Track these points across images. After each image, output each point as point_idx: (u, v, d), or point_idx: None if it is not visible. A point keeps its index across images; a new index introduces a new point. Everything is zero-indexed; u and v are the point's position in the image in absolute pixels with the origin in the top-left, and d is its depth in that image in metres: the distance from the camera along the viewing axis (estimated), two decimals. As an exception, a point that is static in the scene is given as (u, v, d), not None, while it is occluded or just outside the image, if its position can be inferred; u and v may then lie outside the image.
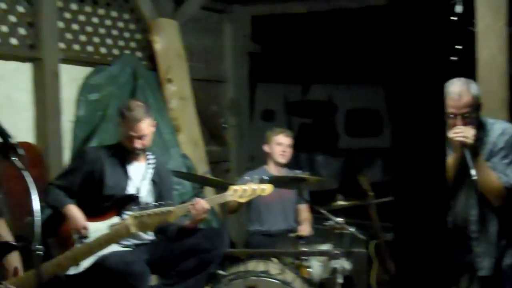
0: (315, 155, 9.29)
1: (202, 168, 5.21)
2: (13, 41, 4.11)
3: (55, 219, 3.33)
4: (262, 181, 3.63)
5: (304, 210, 4.62)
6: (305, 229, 4.41)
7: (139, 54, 5.15)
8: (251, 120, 6.96)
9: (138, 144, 3.42)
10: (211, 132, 5.91)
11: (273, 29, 6.69)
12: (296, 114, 9.57)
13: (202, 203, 3.41)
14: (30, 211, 3.65)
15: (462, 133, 2.90)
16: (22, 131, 4.17)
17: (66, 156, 4.45)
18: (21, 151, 1.97)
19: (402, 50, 1.62)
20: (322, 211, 4.05)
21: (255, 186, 3.59)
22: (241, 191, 3.56)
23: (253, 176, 4.16)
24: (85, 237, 3.27)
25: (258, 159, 5.97)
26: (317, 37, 7.24)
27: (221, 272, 3.65)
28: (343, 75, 8.62)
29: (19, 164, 1.96)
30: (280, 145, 4.55)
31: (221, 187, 4.12)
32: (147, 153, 3.58)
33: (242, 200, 3.61)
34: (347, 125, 10.08)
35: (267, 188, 3.57)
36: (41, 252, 1.89)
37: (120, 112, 3.48)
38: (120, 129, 3.50)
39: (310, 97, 9.69)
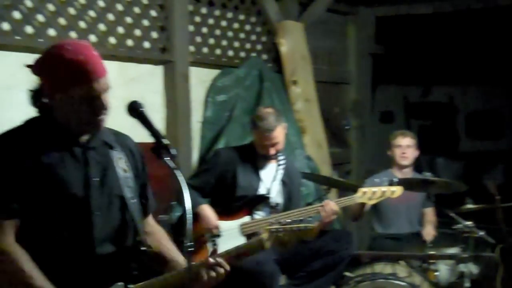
0: (435, 158, 9.00)
1: (325, 170, 5.20)
2: (146, 44, 4.24)
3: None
4: (391, 183, 3.56)
5: (429, 213, 4.52)
6: (429, 232, 4.30)
7: (264, 56, 5.20)
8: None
9: (272, 151, 3.46)
10: (333, 133, 5.89)
11: (397, 30, 6.56)
12: (416, 116, 9.33)
13: (332, 205, 3.41)
14: (165, 209, 3.82)
15: None
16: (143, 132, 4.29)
17: (195, 156, 4.55)
18: (173, 151, 2.01)
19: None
20: (451, 214, 3.92)
21: (384, 188, 3.55)
22: (370, 193, 3.55)
23: (381, 179, 4.13)
24: (217, 236, 3.34)
25: (376, 161, 5.93)
26: (441, 38, 7.02)
27: (348, 273, 3.65)
28: (465, 76, 8.31)
29: (171, 163, 2.00)
30: (399, 147, 4.47)
31: (348, 189, 4.12)
32: (278, 154, 3.61)
33: (371, 203, 3.60)
34: (468, 127, 9.72)
35: (397, 191, 3.52)
36: (192, 249, 1.92)
37: (252, 122, 3.51)
38: (253, 137, 3.54)
39: (430, 98, 9.41)
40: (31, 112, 2.83)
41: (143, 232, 2.21)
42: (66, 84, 1.98)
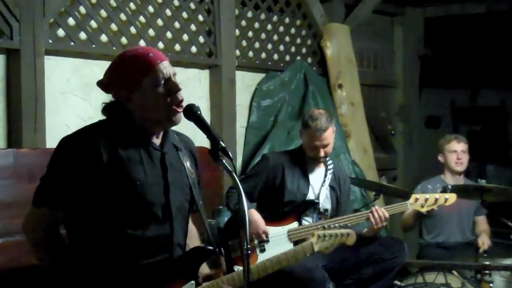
0: (485, 165, 8.74)
1: (371, 175, 5.11)
2: (193, 49, 4.26)
3: (235, 222, 3.39)
4: (444, 190, 3.44)
5: (482, 222, 4.35)
6: (485, 241, 4.13)
7: (310, 59, 5.16)
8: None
9: (322, 153, 3.39)
10: (379, 138, 5.79)
11: (447, 31, 6.39)
12: (464, 120, 9.08)
13: (382, 212, 3.32)
14: (212, 213, 3.78)
15: None
16: (199, 136, 4.28)
17: (238, 161, 4.52)
18: (230, 155, 2.00)
19: None
20: (509, 223, 3.76)
21: (437, 195, 3.45)
22: (422, 199, 3.44)
23: (433, 186, 4.00)
24: (265, 241, 3.29)
25: (422, 167, 5.80)
26: (492, 39, 6.80)
27: (398, 282, 3.54)
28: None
29: (229, 166, 1.98)
30: (454, 152, 4.31)
31: (398, 196, 4.00)
32: (327, 158, 3.53)
33: (423, 210, 3.49)
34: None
35: (450, 198, 3.40)
36: (249, 252, 1.90)
37: (304, 122, 3.45)
38: (302, 138, 3.48)
39: (480, 102, 9.14)
40: (84, 116, 2.84)
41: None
42: (137, 78, 2.04)
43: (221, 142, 2.01)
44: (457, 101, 8.79)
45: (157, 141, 2.12)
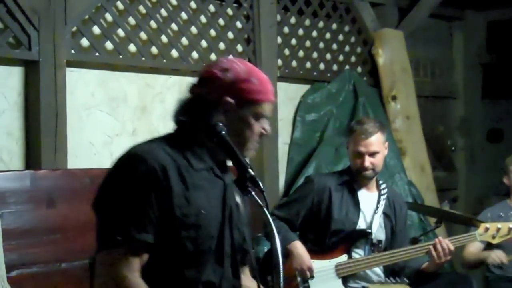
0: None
1: (429, 197, 4.72)
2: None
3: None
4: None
5: None
6: None
7: (359, 69, 4.88)
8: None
9: (367, 162, 3.02)
10: (437, 155, 5.46)
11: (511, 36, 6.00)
12: (530, 135, 8.55)
13: (446, 244, 2.95)
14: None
15: None
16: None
17: (281, 181, 4.28)
18: (261, 186, 1.71)
19: None
20: None
21: (510, 224, 3.07)
22: (494, 229, 3.08)
23: (503, 212, 3.58)
24: (310, 278, 2.97)
25: (485, 187, 5.41)
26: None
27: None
28: None
29: (259, 199, 1.70)
30: None
31: (463, 223, 3.59)
32: (380, 181, 3.18)
33: (494, 242, 3.13)
34: None
35: None
36: None
37: (349, 128, 3.18)
38: (348, 150, 3.15)
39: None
40: (111, 133, 2.65)
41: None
42: (252, 99, 1.83)
43: (250, 170, 1.72)
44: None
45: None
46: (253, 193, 1.72)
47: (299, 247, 2.99)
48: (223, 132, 1.77)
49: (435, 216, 3.43)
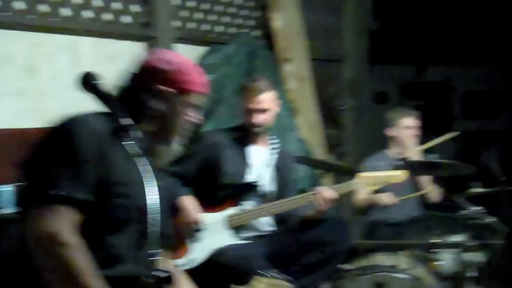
0: (430, 139, 8.83)
1: (320, 153, 4.98)
2: (126, 19, 3.98)
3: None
4: (395, 166, 3.32)
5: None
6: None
7: (256, 32, 4.96)
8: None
9: (258, 118, 3.14)
10: (328, 114, 5.65)
11: (396, 5, 6.31)
12: (411, 96, 9.18)
13: (328, 192, 3.12)
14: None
15: None
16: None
17: (178, 141, 4.30)
18: (137, 134, 1.84)
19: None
20: (459, 199, 3.68)
21: (388, 172, 3.30)
22: (372, 178, 3.24)
23: (381, 162, 3.87)
24: (198, 230, 3.07)
25: (370, 143, 5.73)
26: (438, 15, 6.78)
27: (344, 266, 3.37)
28: (461, 55, 8.13)
29: (134, 149, 1.83)
30: (408, 128, 4.22)
31: (347, 174, 3.86)
32: (270, 136, 3.33)
33: (373, 189, 3.34)
34: (464, 108, 9.63)
35: (402, 175, 3.25)
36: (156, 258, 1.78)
37: (242, 85, 3.26)
38: (240, 106, 3.24)
39: (426, 78, 9.27)
40: None
41: None
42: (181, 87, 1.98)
43: (124, 119, 1.83)
44: (405, 77, 8.84)
45: None
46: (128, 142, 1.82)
47: (187, 201, 3.05)
48: (96, 82, 1.85)
49: (321, 167, 3.68)
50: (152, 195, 1.85)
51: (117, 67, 3.76)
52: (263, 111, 3.15)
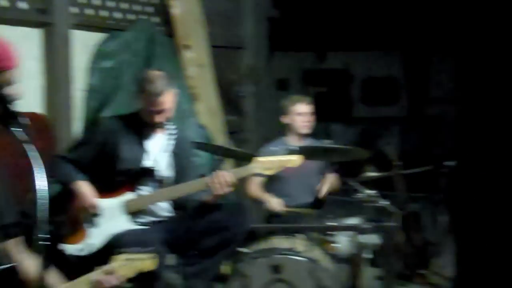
0: (330, 124, 9.10)
1: (220, 139, 5.03)
2: (22, 5, 3.89)
3: (66, 195, 3.12)
4: (290, 151, 3.42)
5: (330, 178, 4.39)
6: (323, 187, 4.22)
7: (155, 19, 4.93)
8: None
9: (159, 118, 3.19)
10: (228, 101, 5.71)
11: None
12: (312, 83, 9.40)
13: (225, 176, 3.17)
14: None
15: None
16: (30, 100, 3.96)
17: (77, 127, 4.26)
18: (24, 121, 1.76)
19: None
20: (352, 183, 3.84)
21: (283, 157, 3.36)
22: (268, 163, 3.31)
23: (274, 148, 3.95)
24: (95, 215, 3.07)
25: (272, 129, 5.82)
26: (339, 2, 6.98)
27: (243, 249, 3.46)
28: (360, 42, 8.38)
29: (21, 135, 1.75)
30: (301, 115, 4.31)
31: (243, 159, 3.93)
32: (168, 123, 3.35)
33: (269, 173, 3.38)
34: (364, 94, 9.93)
35: (296, 159, 3.35)
36: (45, 242, 1.68)
37: (139, 85, 3.23)
38: (138, 102, 3.26)
39: (326, 65, 9.51)
40: None
41: None
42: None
43: (12, 105, 1.81)
44: (305, 64, 9.04)
45: None
46: (16, 129, 1.77)
47: (83, 186, 3.05)
48: None
49: (219, 153, 3.72)
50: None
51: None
52: (164, 111, 3.19)
